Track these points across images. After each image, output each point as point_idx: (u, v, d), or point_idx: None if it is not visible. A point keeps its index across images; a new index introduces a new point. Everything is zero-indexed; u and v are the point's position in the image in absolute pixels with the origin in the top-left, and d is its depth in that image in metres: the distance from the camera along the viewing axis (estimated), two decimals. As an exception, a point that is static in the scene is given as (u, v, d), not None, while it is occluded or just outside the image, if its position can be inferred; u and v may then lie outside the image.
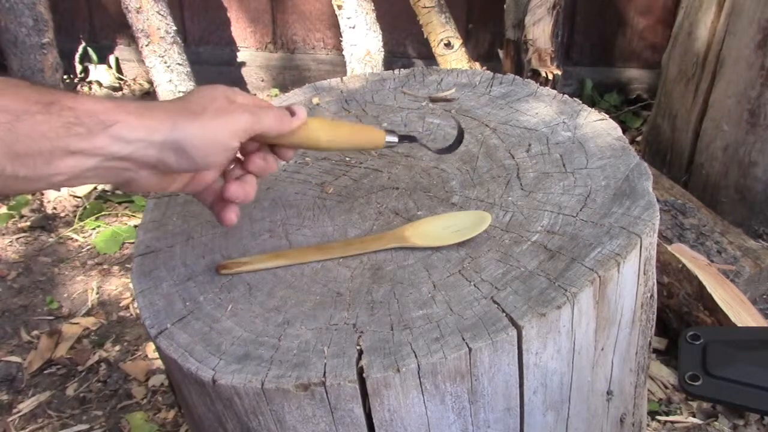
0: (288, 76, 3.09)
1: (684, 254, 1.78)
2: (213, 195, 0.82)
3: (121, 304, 2.13)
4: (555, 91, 1.10)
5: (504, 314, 0.73)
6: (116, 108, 0.67)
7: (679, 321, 1.79)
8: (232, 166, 0.82)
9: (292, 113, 0.79)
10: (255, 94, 3.10)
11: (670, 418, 1.69)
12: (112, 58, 3.20)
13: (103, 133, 0.65)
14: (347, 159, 1.02)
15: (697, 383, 0.82)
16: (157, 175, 0.73)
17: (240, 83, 3.12)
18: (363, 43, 2.46)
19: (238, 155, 0.82)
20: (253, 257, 0.86)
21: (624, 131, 1.60)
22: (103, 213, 2.47)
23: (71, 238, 2.38)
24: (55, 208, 2.45)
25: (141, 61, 2.85)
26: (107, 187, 2.61)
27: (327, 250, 0.86)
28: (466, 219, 0.86)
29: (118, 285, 2.19)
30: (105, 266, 2.27)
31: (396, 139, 0.87)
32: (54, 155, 0.64)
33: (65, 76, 2.99)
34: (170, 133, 0.69)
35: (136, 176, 0.72)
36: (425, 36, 2.45)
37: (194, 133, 0.70)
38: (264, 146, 0.82)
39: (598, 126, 1.01)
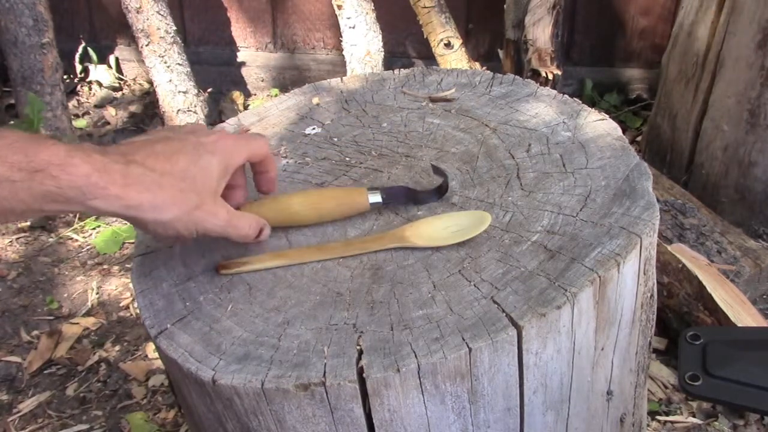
0: (288, 76, 3.09)
1: (684, 254, 1.78)
2: None
3: (121, 304, 2.13)
4: (555, 91, 1.10)
5: (504, 314, 0.73)
6: (102, 182, 0.67)
7: (679, 321, 1.79)
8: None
9: (259, 234, 0.84)
10: (255, 94, 3.11)
11: (670, 418, 1.69)
12: (112, 58, 3.20)
13: (80, 204, 0.67)
14: (347, 159, 1.02)
15: (697, 383, 0.82)
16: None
17: (240, 83, 3.12)
18: (363, 43, 2.46)
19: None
20: (253, 257, 0.86)
21: (624, 131, 1.60)
22: (103, 213, 2.47)
23: (71, 238, 2.38)
24: (55, 208, 2.45)
25: (141, 61, 2.85)
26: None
27: (327, 250, 0.86)
28: (466, 219, 0.86)
29: (118, 285, 2.19)
30: (105, 266, 2.27)
31: (380, 199, 0.89)
32: (26, 213, 0.66)
33: (65, 76, 2.99)
34: (143, 215, 0.71)
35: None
36: (425, 36, 2.45)
37: (164, 224, 0.72)
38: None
39: (598, 126, 1.01)
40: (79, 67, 3.17)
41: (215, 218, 0.76)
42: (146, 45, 2.49)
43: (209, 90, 3.00)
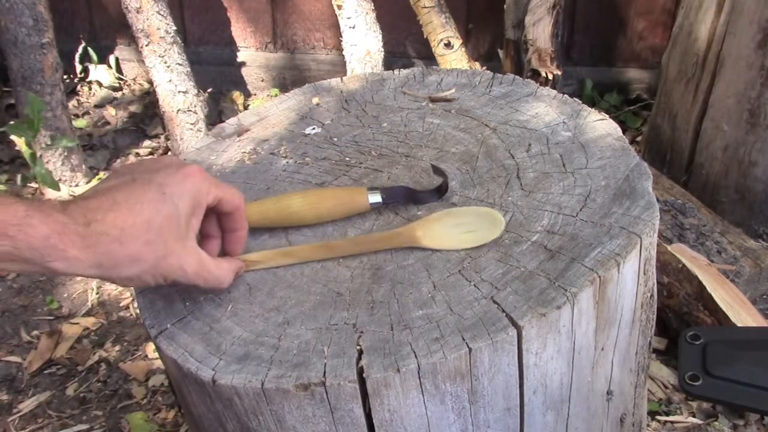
0: (288, 76, 3.09)
1: (684, 254, 1.78)
2: None
3: (121, 304, 2.13)
4: (555, 91, 1.10)
5: (504, 314, 0.73)
6: (61, 244, 0.65)
7: (679, 321, 1.79)
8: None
9: (238, 269, 0.82)
10: (255, 94, 3.10)
11: (670, 418, 1.69)
12: (112, 58, 3.20)
13: (40, 265, 0.65)
14: (347, 159, 1.02)
15: (697, 383, 0.82)
16: None
17: (240, 83, 3.12)
18: (363, 43, 2.46)
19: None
20: (263, 253, 0.86)
21: (624, 131, 1.60)
22: (103, 213, 2.47)
23: (71, 238, 2.38)
24: (55, 208, 2.44)
25: (141, 61, 2.85)
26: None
27: (336, 249, 0.86)
28: (477, 217, 0.85)
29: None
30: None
31: (380, 199, 0.89)
32: None
33: (65, 76, 2.99)
34: (107, 273, 0.69)
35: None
36: (425, 36, 2.45)
37: (130, 278, 0.70)
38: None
39: (598, 126, 1.01)
40: (79, 67, 3.17)
41: (184, 269, 0.73)
42: (146, 45, 2.49)
43: (209, 90, 3.00)
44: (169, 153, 2.76)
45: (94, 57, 3.14)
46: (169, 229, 0.71)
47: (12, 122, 2.32)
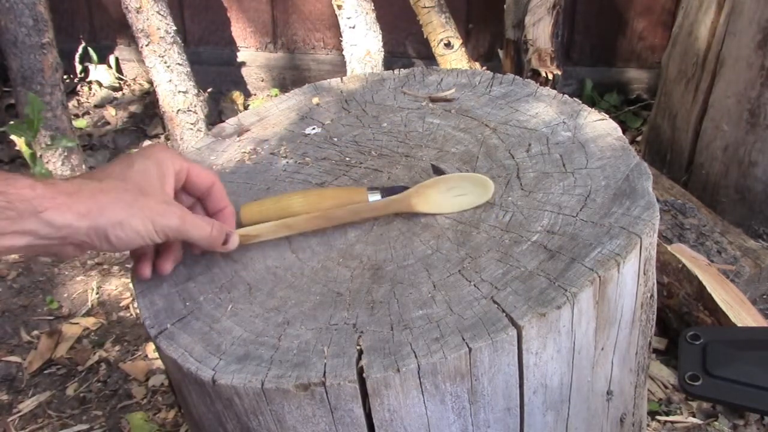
0: (288, 76, 3.09)
1: (684, 254, 1.78)
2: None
3: (121, 304, 2.13)
4: (555, 91, 1.10)
5: (504, 314, 0.73)
6: (48, 193, 0.69)
7: (679, 321, 1.79)
8: None
9: (226, 240, 0.82)
10: (255, 94, 3.10)
11: (670, 418, 1.69)
12: (112, 58, 3.20)
13: (33, 218, 0.68)
14: (347, 159, 1.02)
15: (697, 383, 0.82)
16: (82, 248, 0.75)
17: (240, 83, 3.12)
18: (363, 43, 2.46)
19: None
20: (261, 227, 0.87)
21: (624, 131, 1.60)
22: (103, 213, 2.47)
23: (71, 238, 2.38)
24: (55, 208, 2.44)
25: (141, 61, 2.85)
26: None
27: (334, 219, 0.87)
28: (469, 182, 0.88)
29: (118, 285, 2.19)
30: (105, 266, 2.26)
31: (380, 199, 0.90)
32: None
33: (65, 76, 2.99)
34: (97, 221, 0.71)
35: (63, 250, 0.74)
36: (425, 36, 2.45)
37: (120, 223, 0.73)
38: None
39: (598, 126, 1.01)
40: (79, 67, 3.17)
41: (170, 213, 0.76)
42: (146, 45, 2.49)
43: (209, 90, 3.00)
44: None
45: (94, 57, 3.14)
46: (145, 181, 0.76)
47: (12, 122, 2.32)
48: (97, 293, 2.17)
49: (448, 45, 2.38)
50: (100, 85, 3.17)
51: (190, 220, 0.78)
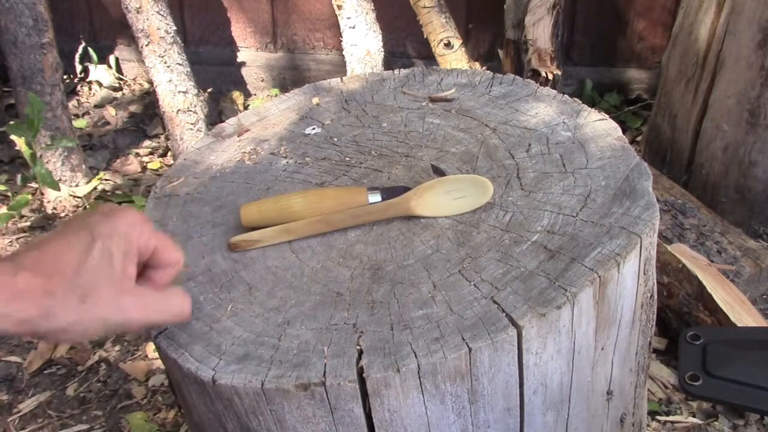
0: (288, 76, 3.09)
1: (684, 254, 1.78)
2: None
3: (121, 304, 2.13)
4: (555, 91, 1.10)
5: (504, 314, 0.73)
6: None
7: (679, 321, 1.79)
8: None
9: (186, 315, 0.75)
10: (255, 94, 3.10)
11: (670, 418, 1.69)
12: (112, 58, 3.20)
13: None
14: (347, 159, 1.02)
15: (697, 383, 0.82)
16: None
17: (240, 83, 3.12)
18: (363, 43, 2.46)
19: None
20: (262, 232, 0.87)
21: (624, 131, 1.60)
22: (103, 213, 2.46)
23: (71, 238, 2.37)
24: (55, 209, 2.45)
25: (141, 61, 2.85)
26: (107, 187, 2.61)
27: (334, 223, 0.87)
28: (468, 184, 0.88)
29: (118, 285, 2.19)
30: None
31: (380, 199, 0.90)
32: None
33: (65, 76, 2.99)
34: (38, 328, 0.63)
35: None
36: (425, 36, 2.45)
37: (65, 330, 0.65)
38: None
39: (598, 126, 1.01)
40: (79, 67, 3.17)
41: (127, 308, 0.68)
42: (146, 45, 2.49)
43: (209, 90, 3.00)
44: (169, 153, 2.77)
45: (94, 57, 3.14)
46: (101, 272, 0.66)
47: (12, 122, 2.32)
48: (97, 293, 2.16)
49: (448, 45, 2.38)
50: (100, 85, 3.17)
51: (153, 307, 0.70)
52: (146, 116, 3.02)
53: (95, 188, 2.52)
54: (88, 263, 0.65)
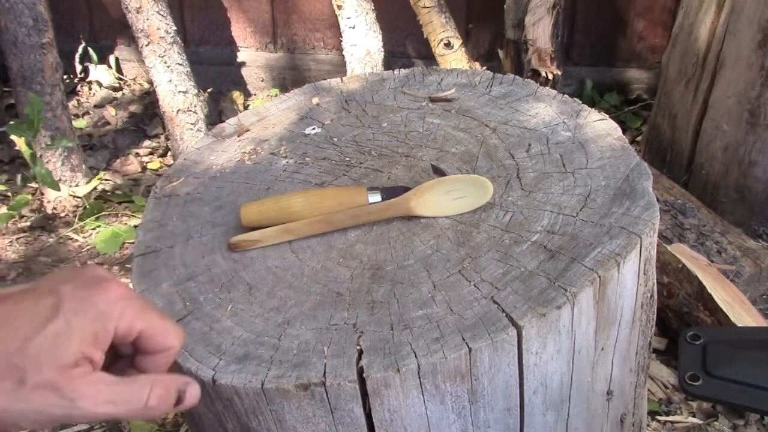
0: (288, 76, 3.09)
1: (684, 254, 1.78)
2: None
3: (121, 304, 2.13)
4: (555, 91, 1.10)
5: (504, 314, 0.73)
6: None
7: (679, 321, 1.79)
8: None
9: (180, 399, 0.59)
10: (255, 94, 3.10)
11: (670, 418, 1.69)
12: (112, 58, 3.20)
13: None
14: (347, 159, 1.02)
15: (697, 383, 0.82)
16: None
17: (240, 83, 3.12)
18: (363, 43, 2.46)
19: None
20: (262, 232, 0.87)
21: (624, 131, 1.60)
22: (103, 213, 2.47)
23: (71, 238, 2.38)
24: (55, 209, 2.45)
25: (141, 61, 2.85)
26: (107, 187, 2.61)
27: (334, 223, 0.87)
28: (468, 184, 0.88)
29: (118, 285, 2.19)
30: (105, 266, 2.26)
31: (380, 199, 0.90)
32: None
33: (65, 76, 2.99)
34: None
35: None
36: (425, 36, 2.45)
37: (15, 414, 0.53)
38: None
39: (598, 126, 1.01)
40: (79, 67, 3.17)
41: (73, 399, 0.54)
42: (146, 45, 2.48)
43: (209, 90, 3.00)
44: (169, 153, 2.76)
45: (94, 57, 3.14)
46: (50, 353, 0.53)
47: (12, 122, 2.32)
48: (97, 293, 2.16)
49: (448, 45, 2.38)
50: (100, 85, 3.17)
51: (106, 397, 0.55)
52: (146, 116, 3.02)
53: (95, 188, 2.53)
54: (37, 340, 0.53)
